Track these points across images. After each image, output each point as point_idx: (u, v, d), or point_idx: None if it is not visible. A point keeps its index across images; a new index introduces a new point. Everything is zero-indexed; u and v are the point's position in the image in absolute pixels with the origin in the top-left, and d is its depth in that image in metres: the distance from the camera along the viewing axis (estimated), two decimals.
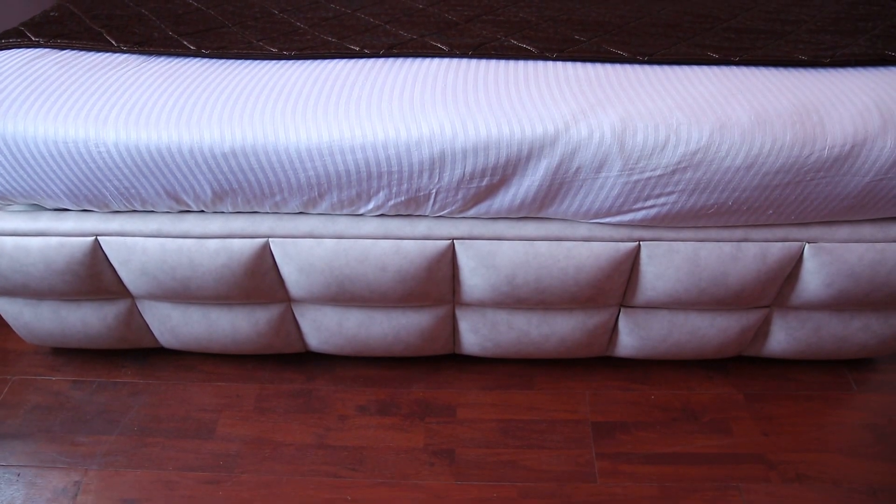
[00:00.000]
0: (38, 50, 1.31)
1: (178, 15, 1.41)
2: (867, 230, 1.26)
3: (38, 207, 1.32)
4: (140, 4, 1.46)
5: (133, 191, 1.21)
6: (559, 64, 1.21)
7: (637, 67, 1.21)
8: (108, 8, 1.45)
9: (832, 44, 1.28)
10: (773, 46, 1.27)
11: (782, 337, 1.44)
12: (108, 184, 1.19)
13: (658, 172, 1.11)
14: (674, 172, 1.11)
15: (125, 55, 1.30)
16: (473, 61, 1.21)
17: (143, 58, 1.29)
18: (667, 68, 1.21)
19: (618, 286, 1.30)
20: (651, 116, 1.09)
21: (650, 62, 1.22)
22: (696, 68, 1.22)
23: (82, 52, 1.30)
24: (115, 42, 1.31)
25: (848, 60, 1.23)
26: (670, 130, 1.09)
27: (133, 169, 1.16)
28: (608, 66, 1.21)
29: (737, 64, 1.23)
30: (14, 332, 1.63)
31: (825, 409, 1.51)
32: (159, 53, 1.29)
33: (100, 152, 1.14)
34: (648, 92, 1.14)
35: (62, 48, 1.31)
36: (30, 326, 1.48)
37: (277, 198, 1.19)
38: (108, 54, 1.30)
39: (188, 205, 1.24)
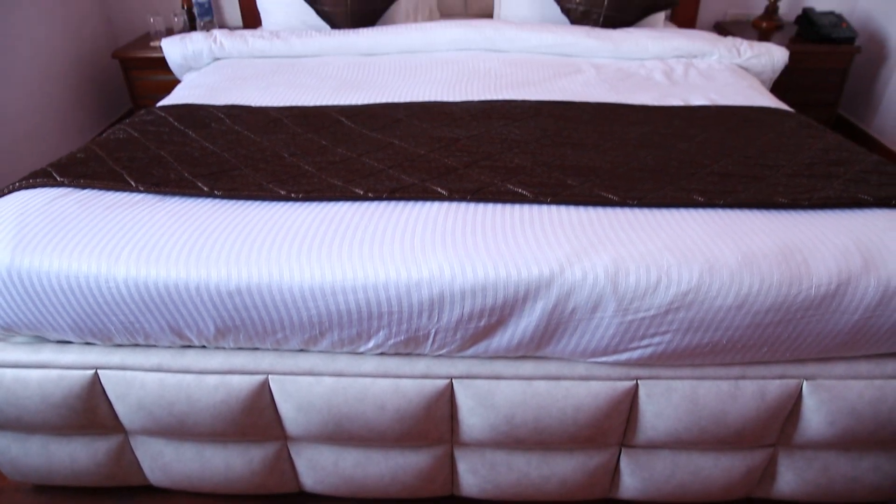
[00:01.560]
0: (61, 189, 1.38)
1: (195, 158, 1.50)
2: (864, 367, 1.26)
3: (41, 339, 1.33)
4: (160, 147, 1.56)
5: (138, 325, 1.23)
6: (553, 208, 1.27)
7: (627, 210, 1.27)
8: (130, 151, 1.54)
9: (809, 187, 1.36)
10: (754, 190, 1.34)
11: (791, 477, 1.40)
12: (113, 318, 1.22)
13: (652, 313, 1.14)
14: (667, 312, 1.14)
15: (142, 195, 1.36)
16: (472, 205, 1.28)
17: (158, 197, 1.35)
18: (656, 211, 1.27)
19: (617, 426, 1.28)
20: (642, 258, 1.14)
21: (640, 205, 1.28)
22: (683, 211, 1.28)
23: (102, 192, 1.37)
24: (134, 182, 1.38)
25: (825, 203, 1.30)
26: (661, 272, 1.13)
27: (140, 304, 1.19)
28: (600, 210, 1.27)
29: (721, 206, 1.29)
30: None
31: None
32: (174, 193, 1.36)
33: (109, 288, 1.18)
34: (639, 234, 1.19)
35: (84, 187, 1.38)
36: (15, 462, 1.44)
37: (279, 335, 1.21)
38: (126, 194, 1.37)
39: (191, 340, 1.26)
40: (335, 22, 2.39)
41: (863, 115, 2.95)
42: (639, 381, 1.25)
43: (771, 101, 1.87)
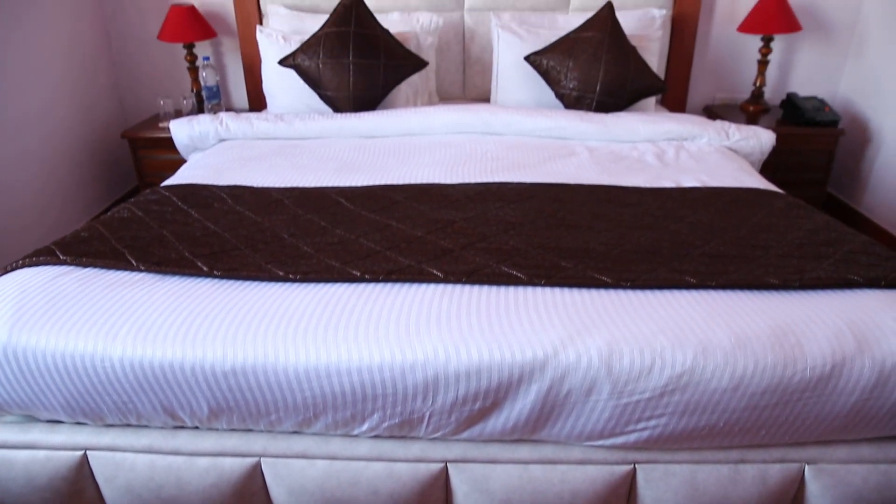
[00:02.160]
0: (64, 267, 1.40)
1: (196, 237, 1.53)
2: (866, 450, 1.25)
3: (31, 419, 1.32)
4: (163, 227, 1.59)
5: (131, 405, 1.22)
6: (547, 290, 1.29)
7: (621, 292, 1.29)
8: (133, 230, 1.58)
9: (799, 267, 1.38)
10: (745, 271, 1.36)
11: None
12: (107, 398, 1.21)
13: (647, 395, 1.13)
14: (662, 395, 1.13)
15: (143, 274, 1.39)
16: (467, 287, 1.30)
17: (159, 276, 1.38)
18: (648, 293, 1.29)
19: None
20: (636, 341, 1.14)
21: (633, 287, 1.30)
22: (675, 292, 1.29)
23: (104, 271, 1.39)
24: (135, 261, 1.41)
25: (816, 284, 1.32)
26: (655, 354, 1.13)
27: (134, 384, 1.19)
28: (593, 292, 1.29)
29: (714, 288, 1.31)
30: None
31: None
32: (174, 273, 1.38)
33: (104, 367, 1.18)
34: (632, 316, 1.20)
35: (86, 266, 1.41)
36: None
37: (273, 417, 1.20)
38: (127, 272, 1.39)
39: (183, 421, 1.25)
40: (338, 106, 2.48)
41: (852, 193, 3.02)
42: (636, 466, 1.23)
43: (760, 183, 1.92)
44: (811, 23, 2.91)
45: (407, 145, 2.21)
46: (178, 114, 2.87)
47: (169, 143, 2.50)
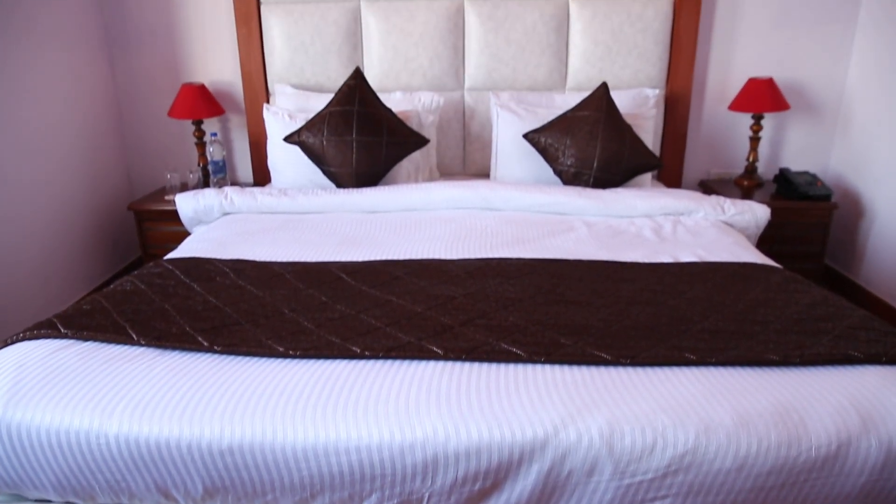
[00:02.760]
0: (64, 341, 1.41)
1: (198, 311, 1.54)
2: None
3: (19, 497, 1.29)
4: (165, 300, 1.60)
5: (123, 484, 1.20)
6: (547, 367, 1.29)
7: (621, 370, 1.29)
8: (135, 303, 1.59)
9: (799, 343, 1.38)
10: (745, 347, 1.36)
11: None
12: (99, 476, 1.19)
13: (649, 476, 1.11)
14: (665, 476, 1.11)
15: (143, 348, 1.39)
16: (466, 365, 1.29)
17: (159, 351, 1.38)
18: (649, 370, 1.29)
19: None
20: (637, 420, 1.13)
21: (633, 364, 1.30)
22: (676, 370, 1.29)
23: (104, 344, 1.40)
24: (136, 336, 1.41)
25: (816, 360, 1.32)
26: (657, 433, 1.12)
27: (128, 462, 1.17)
28: (593, 369, 1.28)
29: (714, 364, 1.31)
30: None
31: None
32: (175, 348, 1.38)
33: (99, 444, 1.17)
34: (633, 394, 1.20)
35: (86, 339, 1.41)
36: None
37: (269, 497, 1.17)
38: (127, 347, 1.39)
39: (177, 500, 1.22)
40: (340, 182, 2.54)
41: (849, 265, 3.04)
42: None
43: (757, 257, 1.94)
44: (799, 101, 3.02)
45: (408, 220, 2.25)
46: (185, 187, 2.93)
47: (173, 216, 2.55)
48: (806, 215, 2.79)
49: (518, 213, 2.33)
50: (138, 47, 3.09)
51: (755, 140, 2.95)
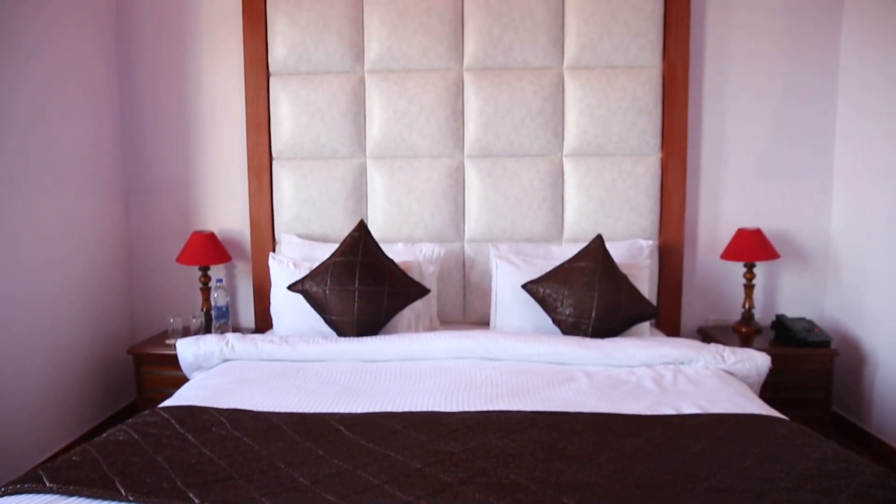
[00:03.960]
0: (49, 496, 1.36)
1: (190, 465, 1.50)
2: None
3: None
4: (158, 452, 1.57)
5: None
6: None
7: None
8: (127, 454, 1.55)
9: (814, 502, 1.32)
10: None
11: None
12: None
13: None
14: None
15: None
16: None
17: None
18: None
19: None
20: None
21: None
22: None
23: (91, 501, 1.35)
24: (125, 491, 1.37)
25: None
26: None
27: None
28: None
29: None
30: None
31: None
32: None
33: None
34: None
35: (72, 494, 1.37)
36: None
37: None
38: (114, 503, 1.34)
39: None
40: (342, 330, 2.57)
41: (858, 412, 2.97)
42: None
43: (761, 408, 1.91)
44: (788, 250, 3.12)
45: (408, 370, 2.25)
46: (186, 331, 2.95)
47: (173, 360, 2.55)
48: (807, 362, 2.79)
49: (518, 363, 2.33)
50: (154, 195, 3.27)
51: (749, 287, 3.01)
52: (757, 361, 2.32)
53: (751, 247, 2.94)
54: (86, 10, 2.96)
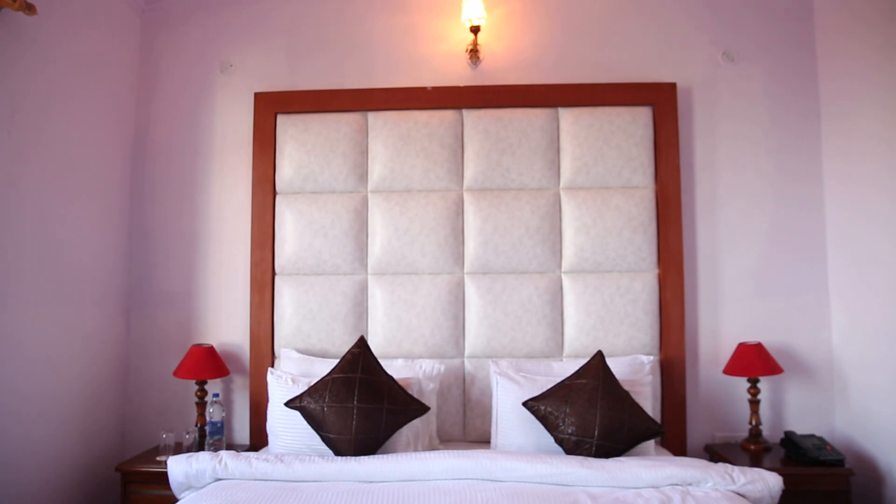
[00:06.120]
0: None
1: None
2: None
3: None
4: None
5: None
6: None
7: None
8: None
9: None
10: None
11: None
12: None
13: None
14: None
15: None
16: None
17: None
18: None
19: None
20: None
21: None
22: None
23: None
24: None
25: None
26: None
27: None
28: None
29: None
30: None
31: None
32: None
33: None
34: None
35: None
36: None
37: None
38: None
39: None
40: (339, 449, 2.49)
41: None
42: None
43: None
44: (791, 364, 3.08)
45: (407, 492, 2.16)
46: (179, 447, 2.87)
47: (162, 478, 2.45)
48: (822, 483, 2.67)
49: (520, 484, 2.24)
50: (156, 308, 3.29)
51: (755, 403, 2.96)
52: (769, 483, 2.23)
53: (753, 361, 2.92)
54: (106, 126, 3.13)
